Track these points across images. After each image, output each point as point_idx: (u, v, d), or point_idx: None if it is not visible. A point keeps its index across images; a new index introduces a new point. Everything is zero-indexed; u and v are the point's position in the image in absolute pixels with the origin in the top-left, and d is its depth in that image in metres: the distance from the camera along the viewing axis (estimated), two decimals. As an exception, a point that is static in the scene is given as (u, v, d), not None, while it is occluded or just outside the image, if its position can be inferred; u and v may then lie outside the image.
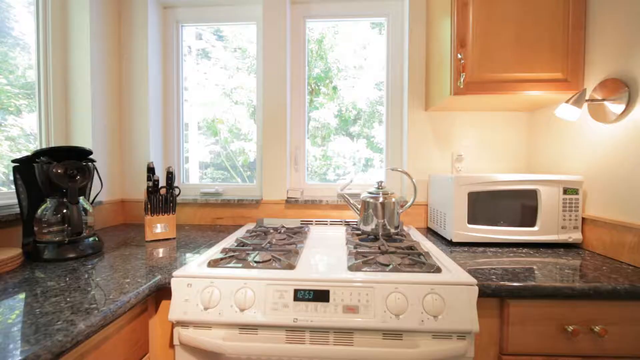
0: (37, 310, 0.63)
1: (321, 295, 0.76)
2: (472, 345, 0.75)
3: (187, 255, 1.01)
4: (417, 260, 0.89)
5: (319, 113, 1.70)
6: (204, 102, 1.72)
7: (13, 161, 0.96)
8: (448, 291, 0.75)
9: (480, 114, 1.45)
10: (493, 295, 0.77)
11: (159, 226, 1.19)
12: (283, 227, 1.32)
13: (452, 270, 0.83)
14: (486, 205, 1.12)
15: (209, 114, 1.72)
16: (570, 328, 0.76)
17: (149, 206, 1.17)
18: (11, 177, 1.01)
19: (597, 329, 0.75)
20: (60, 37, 1.33)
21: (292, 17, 1.59)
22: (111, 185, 1.48)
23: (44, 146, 1.28)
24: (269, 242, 1.07)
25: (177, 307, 0.78)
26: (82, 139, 1.36)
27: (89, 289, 0.74)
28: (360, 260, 0.88)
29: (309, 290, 0.76)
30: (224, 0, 1.60)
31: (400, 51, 1.55)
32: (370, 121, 1.69)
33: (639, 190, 0.90)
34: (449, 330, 0.73)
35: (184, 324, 0.79)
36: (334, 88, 1.71)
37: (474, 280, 0.76)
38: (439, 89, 1.26)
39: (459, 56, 1.10)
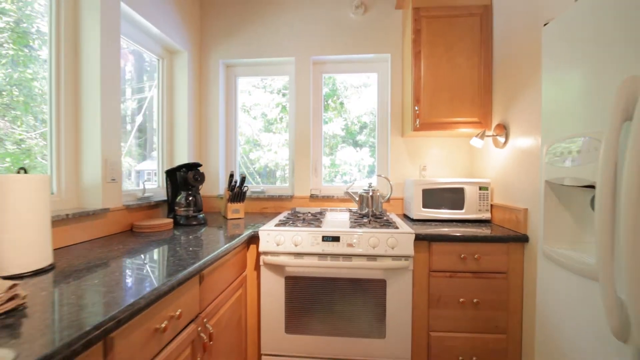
0: (200, 240, 1.39)
1: (336, 239, 1.50)
2: (412, 263, 1.48)
3: (258, 224, 1.76)
4: (387, 225, 1.63)
5: (327, 127, 2.43)
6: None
7: (165, 171, 1.74)
8: (400, 236, 1.49)
9: (439, 139, 2.19)
10: (423, 240, 1.50)
11: (235, 210, 1.95)
12: (309, 212, 2.08)
13: (404, 228, 1.57)
14: (434, 196, 1.85)
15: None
16: (462, 256, 1.49)
17: (230, 197, 1.93)
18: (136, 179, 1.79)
19: (476, 256, 1.48)
20: (169, 95, 2.13)
21: (313, 72, 2.36)
22: (195, 186, 2.25)
23: (162, 162, 2.07)
24: (303, 219, 1.82)
25: (263, 245, 1.53)
26: (181, 157, 2.14)
27: (220, 233, 1.50)
28: (356, 224, 1.62)
29: (330, 236, 1.51)
30: (266, 62, 2.38)
31: (385, 96, 2.31)
32: (374, 131, 2.40)
33: (513, 187, 1.63)
34: (400, 255, 1.47)
35: (265, 253, 1.54)
36: (341, 104, 2.45)
37: (413, 231, 1.50)
38: (407, 125, 2.01)
39: (416, 108, 1.85)
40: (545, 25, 1.15)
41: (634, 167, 0.70)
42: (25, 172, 0.93)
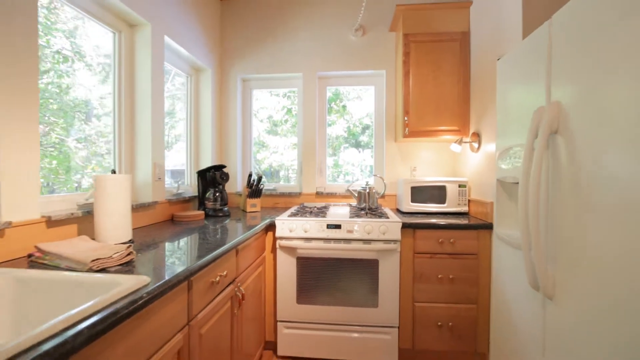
0: (228, 227, 1.75)
1: (338, 226, 1.86)
2: (399, 246, 1.83)
3: (273, 216, 2.12)
4: (380, 216, 1.98)
5: (331, 129, 2.78)
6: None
7: (197, 172, 2.11)
8: (390, 224, 1.84)
9: (426, 144, 2.54)
10: (409, 227, 1.85)
11: (253, 204, 2.31)
12: (315, 206, 2.43)
13: (394, 218, 1.92)
14: (421, 193, 2.20)
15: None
16: (440, 240, 1.83)
17: (249, 193, 2.29)
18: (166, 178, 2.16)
19: (452, 240, 1.83)
20: (195, 107, 2.50)
21: (319, 85, 2.72)
22: (217, 184, 2.61)
23: (190, 165, 2.43)
24: (310, 211, 2.18)
25: (279, 231, 1.89)
26: (205, 159, 2.51)
27: (244, 222, 1.86)
28: (355, 215, 1.98)
29: (333, 224, 1.86)
30: (277, 77, 2.74)
31: (381, 106, 2.66)
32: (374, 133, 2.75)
33: (484, 184, 1.97)
34: (389, 239, 1.82)
35: (280, 238, 1.90)
36: (344, 107, 2.80)
37: (400, 220, 1.85)
38: (399, 132, 2.35)
39: (405, 118, 2.20)
40: (498, 59, 1.49)
41: (536, 169, 1.04)
42: (115, 172, 1.29)
